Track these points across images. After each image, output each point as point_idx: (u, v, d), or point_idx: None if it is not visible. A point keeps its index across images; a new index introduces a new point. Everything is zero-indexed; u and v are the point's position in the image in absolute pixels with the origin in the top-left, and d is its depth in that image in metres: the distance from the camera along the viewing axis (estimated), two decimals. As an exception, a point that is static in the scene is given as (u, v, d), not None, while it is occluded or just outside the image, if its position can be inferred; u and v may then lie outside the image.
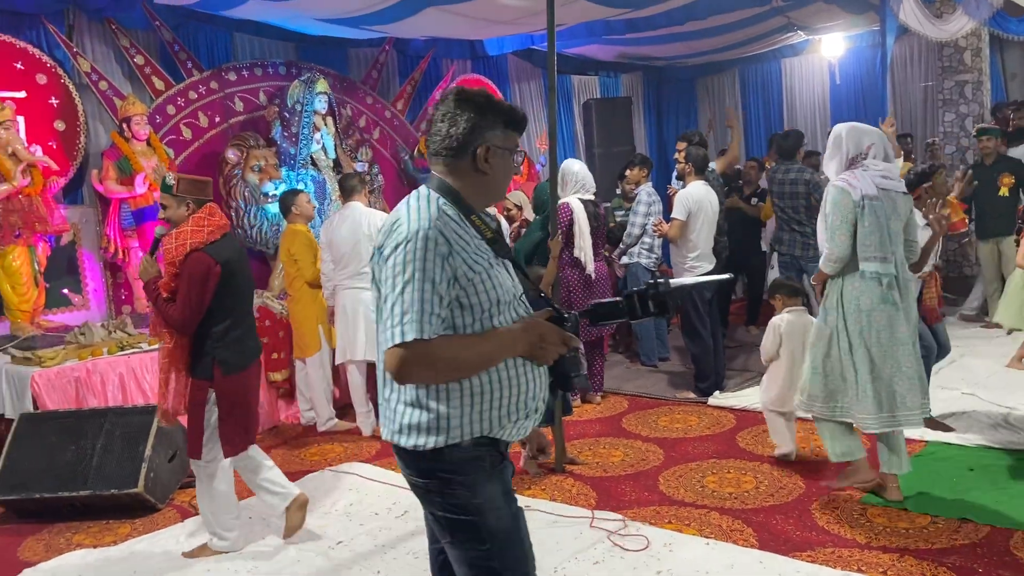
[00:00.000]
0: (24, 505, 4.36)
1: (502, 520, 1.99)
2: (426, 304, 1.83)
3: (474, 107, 1.99)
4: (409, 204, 1.97)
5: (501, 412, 1.96)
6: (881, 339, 3.70)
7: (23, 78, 6.02)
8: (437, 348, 1.84)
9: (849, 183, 3.69)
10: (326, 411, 5.72)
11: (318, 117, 7.08)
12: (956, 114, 8.84)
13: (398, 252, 1.87)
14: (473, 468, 1.96)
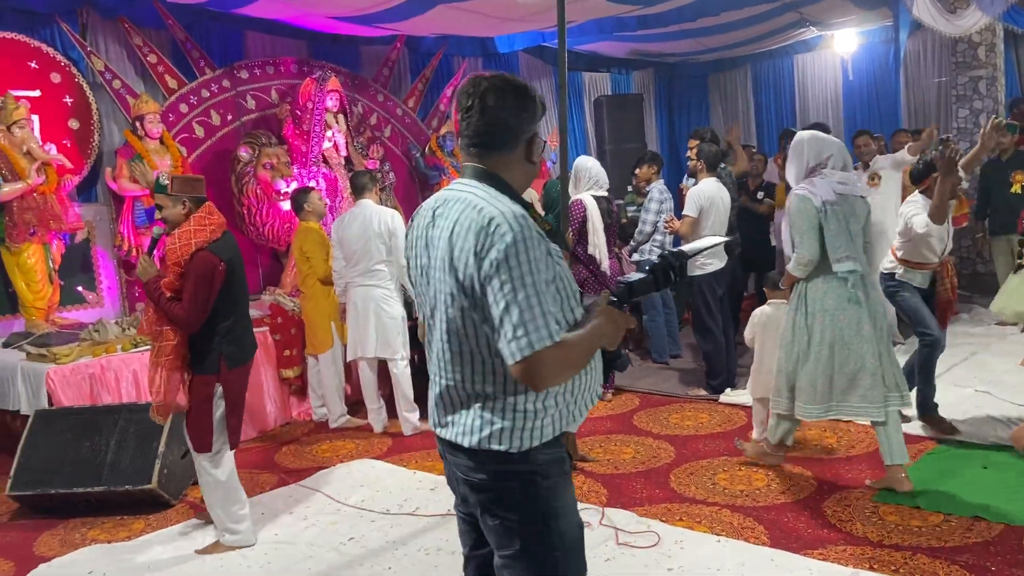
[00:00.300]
0: (40, 501, 4.40)
1: (572, 527, 1.96)
2: (547, 308, 1.80)
3: (527, 96, 1.97)
4: (486, 202, 1.87)
5: (580, 403, 1.97)
6: (846, 337, 3.93)
7: (38, 77, 6.06)
8: (567, 349, 1.82)
9: (809, 191, 3.94)
10: (338, 408, 5.75)
11: (330, 115, 7.10)
12: (970, 110, 8.78)
13: (511, 258, 1.79)
14: (556, 470, 1.93)
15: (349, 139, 7.35)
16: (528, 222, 1.84)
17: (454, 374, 1.94)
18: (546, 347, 1.77)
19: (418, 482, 4.53)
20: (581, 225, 5.44)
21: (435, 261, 1.94)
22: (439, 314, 1.95)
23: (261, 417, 5.77)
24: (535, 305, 1.78)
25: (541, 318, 1.77)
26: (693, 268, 5.70)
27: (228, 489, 3.74)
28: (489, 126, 1.94)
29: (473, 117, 1.94)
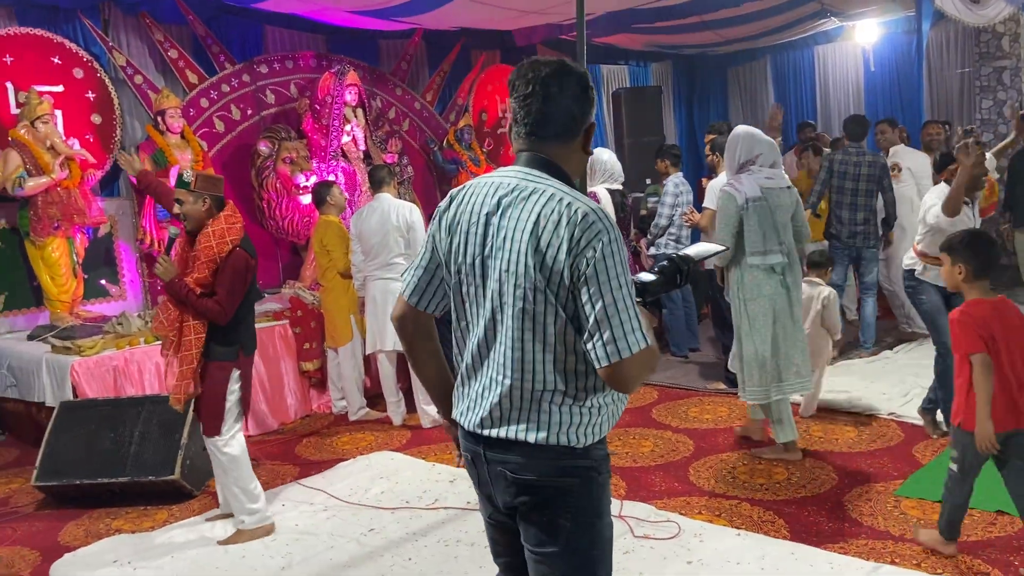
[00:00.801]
0: (64, 491, 4.46)
1: (608, 528, 1.93)
2: (636, 308, 1.76)
3: (587, 84, 1.92)
4: (569, 195, 1.80)
5: (623, 399, 1.96)
6: (781, 319, 4.28)
7: (60, 72, 6.13)
8: (651, 352, 1.77)
9: (735, 188, 4.26)
10: (357, 400, 5.78)
11: (348, 109, 7.12)
12: (994, 101, 8.69)
13: (607, 255, 1.74)
14: (606, 467, 1.92)
15: (368, 133, 7.38)
16: (611, 217, 1.81)
17: (523, 372, 1.83)
18: (639, 351, 1.74)
19: (437, 474, 4.55)
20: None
21: (505, 253, 1.82)
22: (509, 309, 1.83)
23: (281, 410, 5.81)
24: (628, 308, 1.74)
25: (634, 321, 1.74)
26: (713, 260, 5.67)
27: (243, 465, 3.84)
28: (552, 113, 1.87)
29: (534, 104, 1.86)
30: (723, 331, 5.82)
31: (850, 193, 6.28)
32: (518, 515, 1.92)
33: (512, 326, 1.83)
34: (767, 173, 4.26)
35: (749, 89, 11.35)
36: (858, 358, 6.32)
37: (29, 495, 4.61)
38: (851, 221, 6.32)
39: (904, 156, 6.62)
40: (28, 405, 5.42)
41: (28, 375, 5.30)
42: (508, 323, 1.84)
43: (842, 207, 6.34)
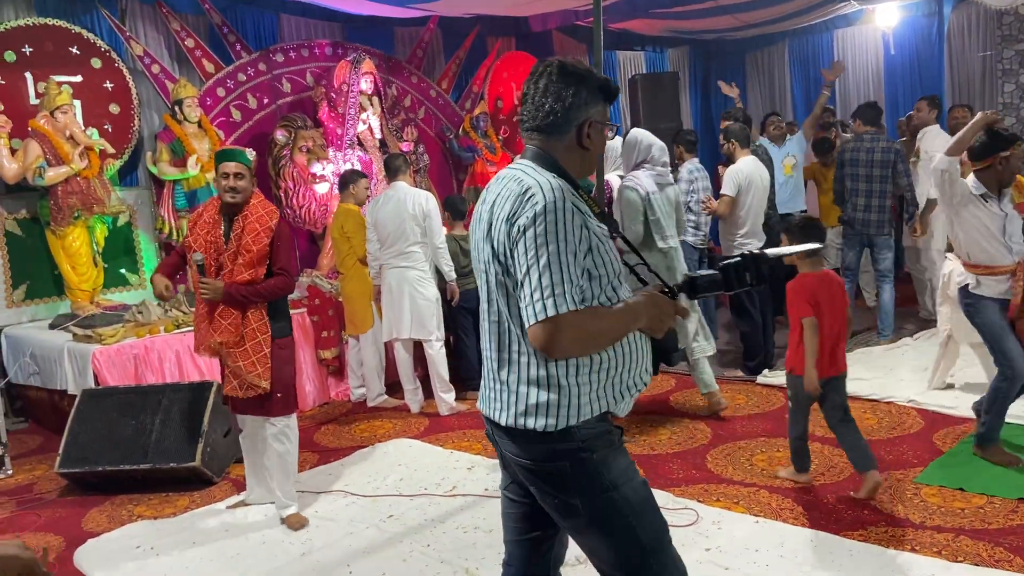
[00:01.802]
0: (87, 478, 4.51)
1: (637, 490, 1.94)
2: (572, 275, 1.79)
3: (577, 80, 1.94)
4: (529, 176, 1.90)
5: (620, 386, 1.95)
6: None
7: (79, 62, 6.17)
8: (584, 319, 1.81)
9: (635, 183, 4.71)
10: (377, 387, 5.82)
11: (364, 97, 7.12)
12: (1016, 84, 8.55)
13: (538, 223, 1.80)
14: (603, 443, 1.92)
15: (383, 121, 7.38)
16: (565, 193, 1.84)
17: (492, 347, 1.96)
18: (565, 312, 1.77)
19: (455, 461, 4.57)
20: (609, 205, 5.41)
21: (478, 233, 1.98)
22: (482, 286, 1.99)
23: (300, 397, 5.82)
24: (557, 271, 1.78)
25: (562, 285, 1.77)
26: (731, 248, 5.65)
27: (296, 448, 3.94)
28: (536, 109, 1.96)
29: (527, 101, 1.99)
30: (740, 318, 5.79)
31: (864, 180, 6.23)
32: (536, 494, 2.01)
33: (485, 300, 2.00)
34: (658, 171, 4.79)
35: (767, 74, 11.23)
36: (876, 345, 6.27)
37: (53, 482, 4.67)
38: (865, 208, 6.28)
39: (928, 140, 6.49)
40: (51, 393, 5.49)
41: (50, 363, 5.36)
42: (483, 299, 2.00)
43: (858, 194, 6.29)
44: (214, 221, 3.73)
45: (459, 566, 3.33)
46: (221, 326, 3.68)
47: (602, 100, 1.98)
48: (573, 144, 1.97)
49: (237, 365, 3.69)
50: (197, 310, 3.79)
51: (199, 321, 3.78)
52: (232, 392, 3.78)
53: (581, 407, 1.89)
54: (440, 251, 5.46)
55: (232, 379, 3.76)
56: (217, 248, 3.70)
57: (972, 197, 3.88)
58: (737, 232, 5.60)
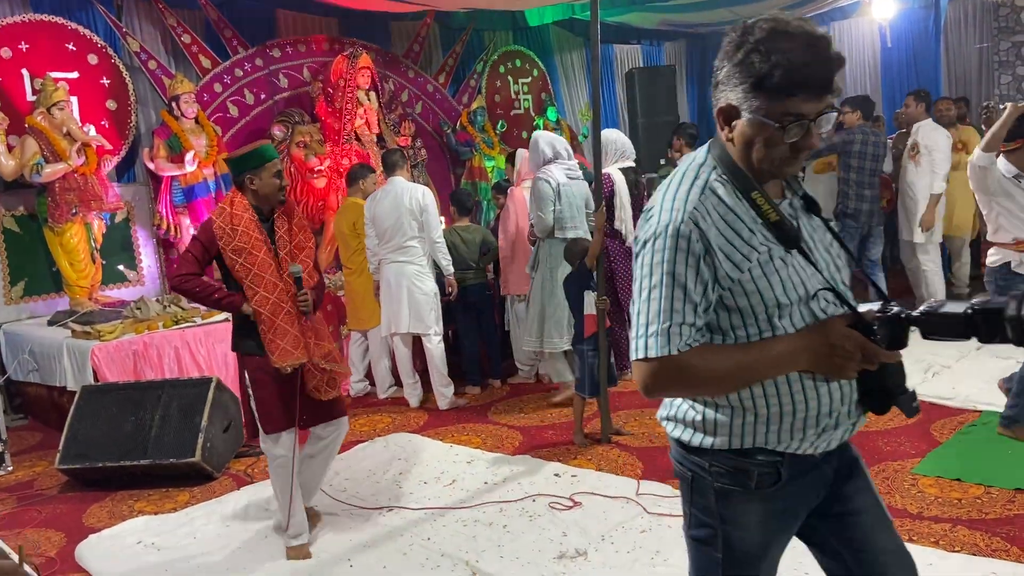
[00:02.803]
0: (87, 473, 4.52)
1: (746, 542, 1.71)
2: (675, 314, 1.53)
3: (733, 49, 1.56)
4: (673, 180, 1.63)
5: (782, 427, 1.63)
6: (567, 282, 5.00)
7: (75, 59, 6.16)
8: (688, 362, 1.54)
9: (548, 176, 5.10)
10: (387, 380, 5.87)
11: (361, 92, 7.12)
12: (1013, 76, 8.56)
13: (646, 250, 1.57)
14: (733, 479, 1.67)
15: (381, 116, 7.37)
16: (698, 212, 1.54)
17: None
18: (658, 356, 1.53)
19: (455, 455, 4.58)
20: (608, 200, 5.41)
21: None
22: None
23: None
24: (662, 311, 1.54)
25: (661, 325, 1.54)
26: None
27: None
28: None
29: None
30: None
31: (869, 172, 6.29)
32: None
33: None
34: (567, 166, 5.20)
35: (764, 67, 11.22)
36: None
37: (53, 478, 4.68)
38: (872, 199, 6.35)
39: (925, 134, 6.51)
40: (50, 389, 5.49)
41: (49, 360, 5.37)
42: None
43: (863, 186, 6.34)
44: (257, 225, 3.40)
45: (459, 559, 3.34)
46: (324, 333, 3.56)
47: (751, 83, 1.51)
48: (730, 134, 1.61)
49: (334, 364, 3.54)
50: (284, 325, 3.37)
51: (293, 333, 3.38)
52: (316, 394, 3.50)
53: (718, 436, 1.65)
54: (438, 245, 5.47)
55: (319, 386, 3.50)
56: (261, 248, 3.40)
57: (1008, 181, 4.06)
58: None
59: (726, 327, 1.60)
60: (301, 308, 3.42)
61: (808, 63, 1.47)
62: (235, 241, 3.33)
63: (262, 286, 3.34)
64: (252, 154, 3.42)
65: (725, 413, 1.64)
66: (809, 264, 1.59)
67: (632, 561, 3.21)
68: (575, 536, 3.45)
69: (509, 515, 3.72)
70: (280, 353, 3.34)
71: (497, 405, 5.55)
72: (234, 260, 3.34)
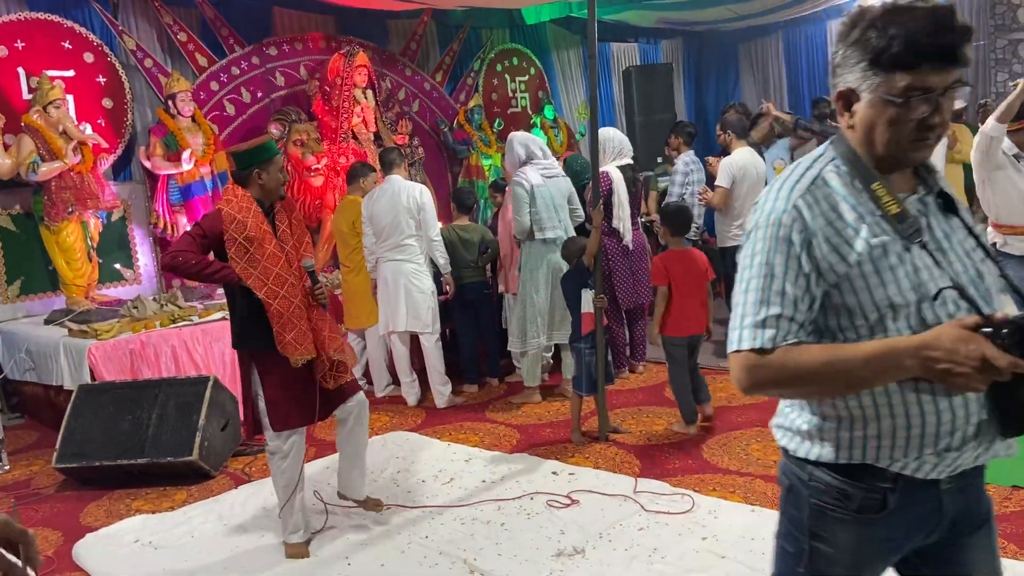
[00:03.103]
0: (84, 473, 4.51)
1: (835, 565, 1.58)
2: (771, 306, 1.44)
3: (849, 28, 1.46)
4: (788, 171, 1.55)
5: (895, 444, 1.48)
6: (549, 283, 5.16)
7: (71, 57, 6.15)
8: (780, 358, 1.43)
9: (523, 178, 5.12)
10: (384, 378, 5.87)
11: (358, 90, 7.11)
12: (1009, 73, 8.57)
13: (749, 240, 1.51)
14: (832, 499, 1.54)
15: (378, 114, 7.37)
16: (803, 202, 1.46)
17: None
18: (748, 351, 1.46)
19: (452, 454, 4.58)
20: (607, 198, 5.41)
21: None
22: None
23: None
24: (756, 303, 1.46)
25: (754, 318, 1.46)
26: (727, 239, 5.67)
27: None
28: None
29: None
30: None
31: None
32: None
33: None
34: (544, 165, 5.22)
35: (761, 65, 11.24)
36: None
37: (50, 477, 4.68)
38: None
39: None
40: (46, 388, 5.49)
41: (46, 359, 5.36)
42: None
43: None
44: (261, 215, 3.38)
45: (457, 557, 3.34)
46: (335, 326, 3.59)
47: (869, 60, 1.42)
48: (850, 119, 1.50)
49: (343, 355, 3.57)
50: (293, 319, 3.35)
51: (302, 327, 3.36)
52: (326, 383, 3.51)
53: (824, 445, 1.53)
54: (435, 244, 5.46)
55: (326, 377, 3.50)
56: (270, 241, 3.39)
57: (1007, 159, 4.17)
58: (733, 224, 5.62)
59: (834, 327, 1.48)
60: (319, 300, 3.46)
61: (929, 32, 1.36)
62: (247, 231, 3.30)
63: (271, 279, 3.32)
64: (261, 148, 3.44)
65: (831, 422, 1.52)
66: (935, 264, 1.43)
67: (630, 559, 3.21)
68: (573, 534, 3.46)
69: (507, 513, 3.73)
70: (291, 347, 3.33)
71: (495, 403, 5.55)
72: (245, 249, 3.29)
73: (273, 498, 3.87)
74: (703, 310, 4.54)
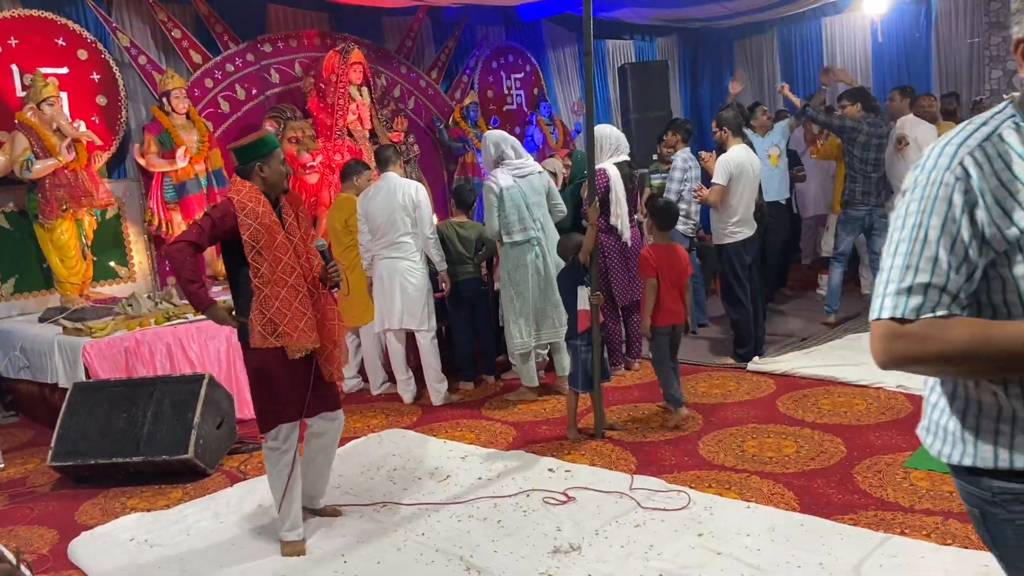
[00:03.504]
0: (80, 471, 4.50)
1: None
2: (920, 272, 1.29)
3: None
4: (958, 128, 1.38)
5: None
6: (531, 284, 5.18)
7: (65, 54, 6.13)
8: (924, 332, 1.28)
9: (493, 181, 5.13)
10: (380, 375, 5.87)
11: (353, 88, 7.09)
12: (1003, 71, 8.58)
13: (903, 200, 1.36)
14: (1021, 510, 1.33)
15: (373, 112, 7.36)
16: (972, 159, 1.29)
17: None
18: (888, 319, 1.31)
19: (448, 451, 4.58)
20: (604, 195, 5.41)
21: None
22: None
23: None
24: (905, 267, 1.31)
25: (899, 284, 1.31)
26: (722, 236, 5.67)
27: None
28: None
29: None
30: (732, 306, 5.82)
31: (872, 163, 6.39)
32: None
33: None
34: (515, 164, 5.19)
35: (756, 62, 11.25)
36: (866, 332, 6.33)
37: (45, 475, 4.66)
38: (876, 190, 6.43)
39: (911, 127, 6.58)
40: (41, 386, 5.47)
41: (40, 357, 5.35)
42: None
43: (869, 177, 6.43)
44: (270, 209, 3.39)
45: (453, 554, 3.34)
46: (339, 315, 3.63)
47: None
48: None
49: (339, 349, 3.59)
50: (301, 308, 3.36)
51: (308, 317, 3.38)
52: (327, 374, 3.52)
53: (979, 447, 1.35)
54: (431, 241, 5.46)
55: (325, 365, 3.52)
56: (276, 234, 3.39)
57: None
58: (729, 221, 5.62)
59: (998, 302, 1.32)
60: (333, 279, 3.51)
61: None
62: (259, 218, 3.31)
63: (280, 268, 3.34)
64: (262, 142, 3.45)
65: (972, 413, 1.35)
66: None
67: (626, 555, 3.21)
68: (569, 531, 3.46)
69: (503, 510, 3.73)
70: (299, 335, 3.35)
71: (491, 401, 5.55)
72: (259, 234, 3.29)
73: (269, 496, 3.87)
74: (683, 302, 4.73)
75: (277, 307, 3.32)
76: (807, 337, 6.34)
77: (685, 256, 4.80)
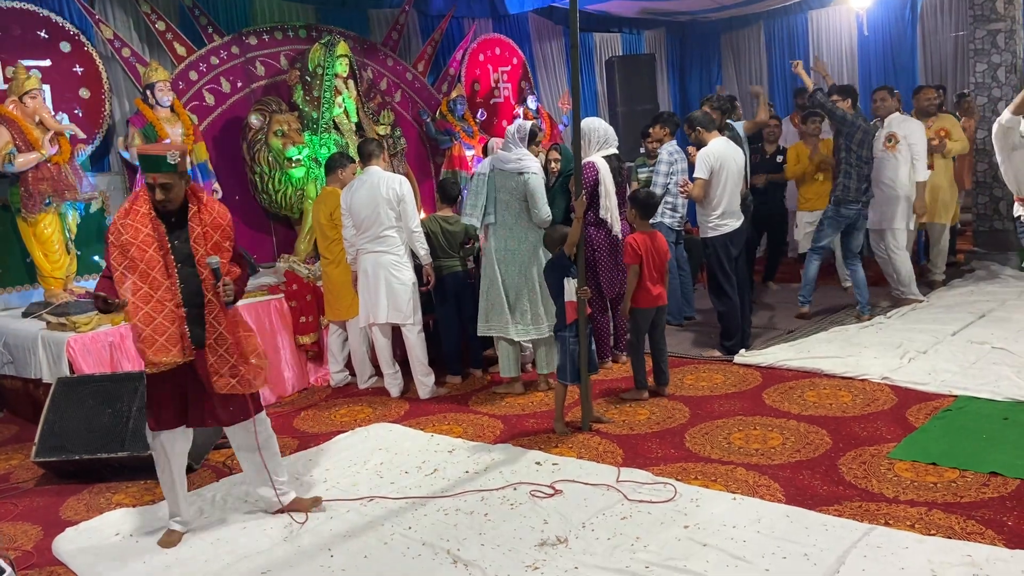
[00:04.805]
0: (64, 466, 4.47)
1: None
2: None
3: None
4: None
5: None
6: (511, 271, 5.30)
7: (47, 47, 6.06)
8: None
9: (479, 169, 5.38)
10: (367, 370, 5.85)
11: (339, 80, 7.05)
12: (988, 64, 8.60)
13: None
14: None
15: (359, 105, 7.32)
16: None
17: None
18: None
19: (436, 445, 4.58)
20: (593, 188, 5.40)
21: None
22: None
23: (279, 384, 5.83)
24: None
25: None
26: (707, 230, 5.68)
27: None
28: None
29: None
30: (718, 299, 5.83)
31: (864, 161, 6.33)
32: None
33: None
34: (501, 157, 5.33)
35: (743, 56, 11.26)
36: (854, 322, 6.37)
37: (29, 471, 4.63)
38: (867, 189, 6.40)
39: (899, 124, 6.57)
40: (25, 382, 5.43)
41: (24, 352, 5.30)
42: None
43: (862, 175, 6.37)
44: (154, 222, 3.41)
45: (440, 548, 3.34)
46: (248, 327, 3.66)
47: None
48: None
49: (260, 360, 3.60)
50: (165, 323, 3.37)
51: (172, 332, 3.38)
52: (213, 385, 3.47)
53: None
54: (415, 235, 5.44)
55: (223, 381, 3.46)
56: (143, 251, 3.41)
57: (1022, 140, 5.12)
58: (713, 213, 5.63)
59: None
60: (224, 298, 3.43)
61: None
62: (124, 236, 3.37)
63: (149, 282, 3.37)
64: (144, 158, 3.42)
65: None
66: None
67: (612, 548, 3.22)
68: (556, 523, 3.47)
69: (490, 504, 3.73)
70: (154, 351, 3.36)
71: (478, 394, 5.55)
72: (122, 254, 3.37)
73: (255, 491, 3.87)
74: (664, 285, 5.09)
75: (137, 321, 3.37)
76: (793, 329, 6.37)
77: (665, 242, 5.14)
